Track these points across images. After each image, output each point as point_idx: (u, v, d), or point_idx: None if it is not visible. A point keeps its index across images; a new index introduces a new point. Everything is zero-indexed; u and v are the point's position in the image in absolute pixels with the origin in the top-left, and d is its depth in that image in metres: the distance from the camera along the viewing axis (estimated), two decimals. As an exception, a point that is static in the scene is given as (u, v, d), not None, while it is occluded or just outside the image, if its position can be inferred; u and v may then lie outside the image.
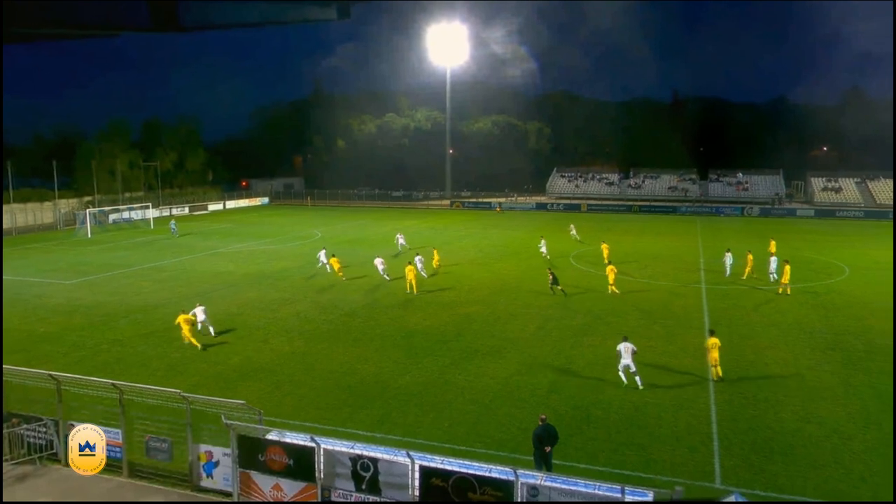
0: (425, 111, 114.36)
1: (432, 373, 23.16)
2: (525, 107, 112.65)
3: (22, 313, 32.21)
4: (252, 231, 65.24)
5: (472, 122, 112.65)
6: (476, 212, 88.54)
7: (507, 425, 18.72)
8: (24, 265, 46.62)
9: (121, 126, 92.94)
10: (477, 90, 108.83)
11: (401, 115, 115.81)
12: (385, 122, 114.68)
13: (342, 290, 36.37)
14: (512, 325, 29.16)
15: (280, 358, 24.93)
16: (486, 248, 52.54)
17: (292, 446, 14.10)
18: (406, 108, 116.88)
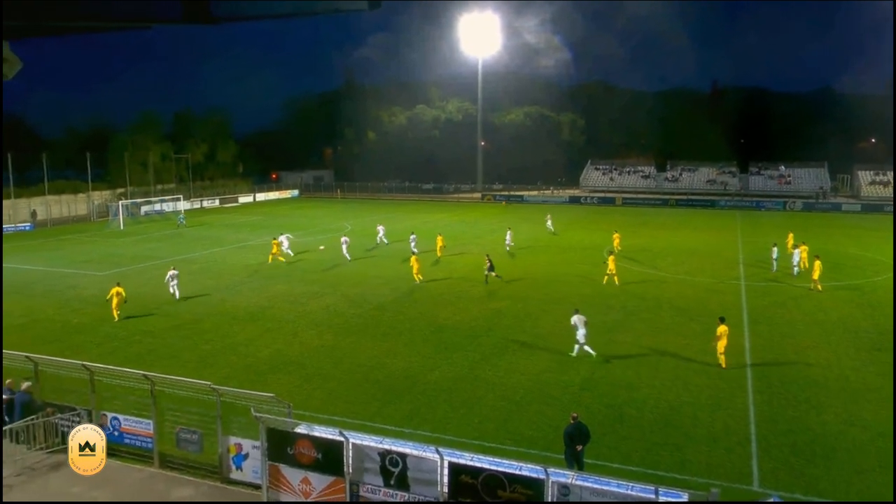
0: (456, 102, 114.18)
1: (462, 368, 23.19)
2: (558, 97, 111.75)
3: (56, 304, 33.07)
4: (282, 224, 65.93)
5: (504, 114, 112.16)
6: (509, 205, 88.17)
7: (537, 423, 18.67)
8: (59, 256, 47.85)
9: (152, 118, 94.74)
10: (509, 81, 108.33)
11: (432, 106, 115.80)
12: (416, 114, 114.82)
13: (371, 284, 36.60)
14: (543, 321, 29.02)
15: (309, 351, 25.21)
16: (518, 242, 52.24)
17: (321, 440, 14.25)
18: (437, 99, 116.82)
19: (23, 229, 65.23)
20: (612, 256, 36.91)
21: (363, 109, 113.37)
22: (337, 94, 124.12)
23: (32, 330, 28.54)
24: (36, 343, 25.36)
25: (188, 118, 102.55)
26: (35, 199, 72.18)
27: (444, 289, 35.41)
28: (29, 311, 31.81)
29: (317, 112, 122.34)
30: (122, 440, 16.96)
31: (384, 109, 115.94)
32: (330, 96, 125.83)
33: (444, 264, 42.36)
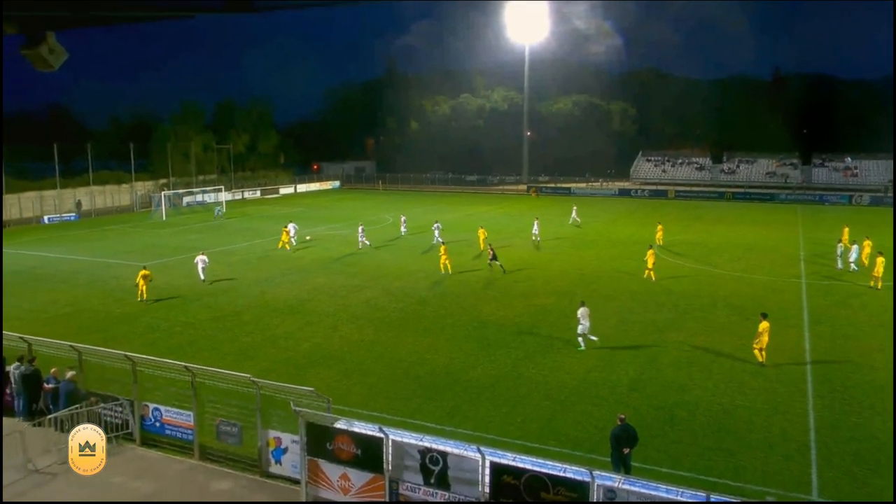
0: (502, 91, 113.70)
1: (505, 366, 23.16)
2: (608, 86, 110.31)
3: (100, 294, 34.15)
4: (322, 215, 66.78)
5: (552, 103, 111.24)
6: (554, 198, 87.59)
7: (583, 423, 18.54)
8: (102, 247, 49.37)
9: (195, 108, 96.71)
10: (557, 68, 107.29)
11: (476, 95, 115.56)
12: (460, 103, 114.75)
13: (412, 278, 36.80)
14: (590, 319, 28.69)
15: (349, 345, 25.49)
16: (564, 237, 51.94)
17: (360, 436, 14.40)
18: (482, 87, 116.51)
19: (68, 219, 67.54)
20: (652, 250, 36.64)
21: (406, 99, 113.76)
22: (379, 83, 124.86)
23: (77, 319, 29.54)
24: (80, 332, 26.24)
25: (230, 108, 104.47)
26: (80, 190, 74.53)
27: (487, 284, 35.38)
28: (74, 300, 32.92)
29: (358, 101, 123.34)
30: (164, 431, 17.45)
31: (427, 98, 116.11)
32: (372, 85, 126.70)
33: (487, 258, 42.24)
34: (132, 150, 78.85)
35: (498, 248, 43.26)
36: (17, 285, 36.46)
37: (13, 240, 53.95)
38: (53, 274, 39.47)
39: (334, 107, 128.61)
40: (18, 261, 44.17)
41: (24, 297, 33.84)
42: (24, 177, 72.73)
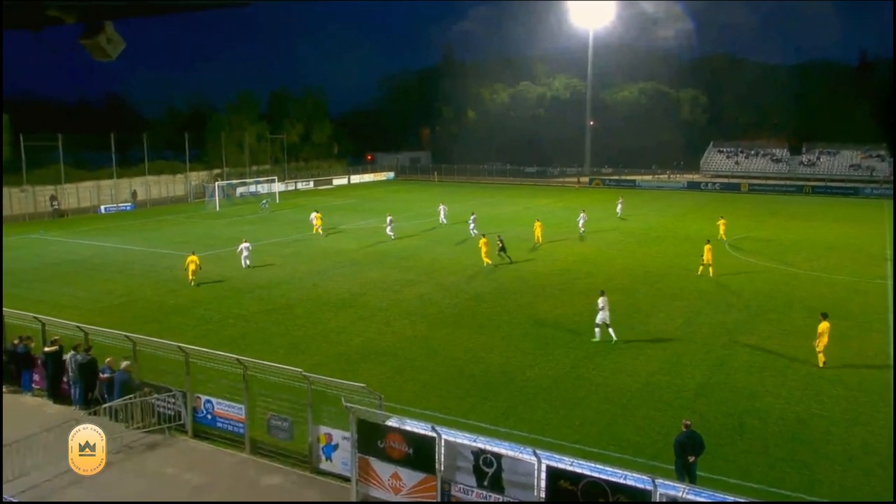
0: (564, 79, 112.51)
1: (563, 366, 23.00)
2: (678, 72, 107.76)
3: (154, 284, 35.32)
4: (376, 207, 67.40)
5: (617, 91, 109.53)
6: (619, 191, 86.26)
7: (645, 429, 18.27)
8: (157, 237, 51.02)
9: (249, 98, 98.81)
10: (623, 54, 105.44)
11: (537, 83, 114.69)
12: (519, 91, 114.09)
13: (467, 273, 36.85)
14: (655, 318, 28.31)
15: (402, 341, 25.71)
16: (628, 231, 51.18)
17: (412, 435, 14.51)
18: (543, 75, 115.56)
19: (124, 209, 70.05)
20: (709, 245, 36.11)
21: (463, 87, 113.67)
22: (435, 71, 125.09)
23: (132, 309, 30.63)
24: (135, 323, 27.20)
25: (284, 97, 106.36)
26: (136, 180, 77.14)
27: (545, 280, 35.17)
28: (129, 290, 34.14)
29: (414, 90, 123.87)
30: (215, 424, 17.95)
31: (485, 87, 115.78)
32: (428, 73, 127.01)
33: (546, 254, 42.06)
34: (187, 140, 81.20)
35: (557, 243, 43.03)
36: (74, 274, 38.04)
37: (71, 229, 56.28)
38: (109, 263, 41.00)
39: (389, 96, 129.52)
40: (76, 250, 46.06)
41: (81, 285, 35.27)
42: (82, 166, 75.62)
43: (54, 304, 30.70)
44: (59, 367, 20.21)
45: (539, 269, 38.02)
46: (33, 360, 20.98)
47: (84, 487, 15.51)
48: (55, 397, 20.28)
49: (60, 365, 20.17)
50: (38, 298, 32.24)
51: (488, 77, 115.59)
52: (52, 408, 19.88)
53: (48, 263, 41.41)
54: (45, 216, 64.66)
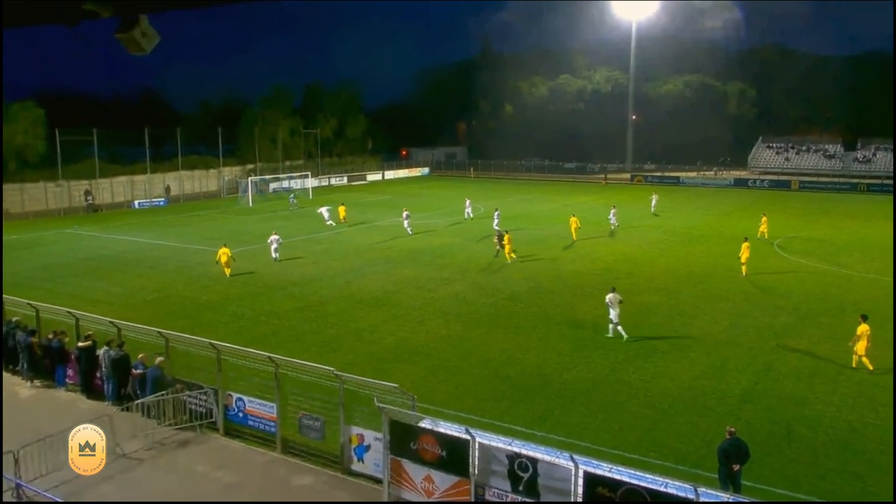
0: (605, 71, 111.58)
1: (602, 369, 22.83)
2: (725, 64, 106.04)
3: (187, 280, 35.94)
4: (411, 204, 67.53)
5: (660, 84, 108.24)
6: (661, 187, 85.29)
7: (687, 435, 18.04)
8: (190, 232, 51.89)
9: (283, 92, 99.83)
10: (667, 46, 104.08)
11: (577, 76, 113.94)
12: (559, 85, 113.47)
13: (504, 272, 36.78)
14: (699, 321, 27.94)
15: (436, 341, 25.76)
16: (671, 230, 50.59)
17: (446, 437, 14.54)
18: (583, 68, 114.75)
19: (157, 204, 71.41)
20: (747, 243, 35.69)
21: (501, 80, 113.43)
22: (472, 64, 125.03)
23: (164, 305, 31.21)
24: (167, 319, 27.70)
25: (318, 91, 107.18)
26: (169, 175, 78.58)
27: (585, 280, 34.93)
28: (161, 286, 34.79)
29: (450, 83, 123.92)
30: (246, 422, 18.21)
31: (524, 80, 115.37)
32: (465, 66, 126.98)
33: (584, 252, 41.79)
34: (220, 135, 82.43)
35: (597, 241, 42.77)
36: (108, 269, 38.89)
37: (105, 224, 57.55)
38: (142, 259, 41.82)
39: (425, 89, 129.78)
40: (109, 245, 47.09)
41: (115, 281, 36.04)
42: (117, 161, 77.34)
43: (88, 299, 31.43)
44: (92, 363, 20.68)
45: (578, 268, 37.77)
46: (67, 355, 21.51)
47: (116, 483, 15.87)
48: (88, 393, 20.76)
49: (94, 360, 20.65)
50: (73, 293, 33.04)
51: (527, 70, 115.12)
52: (86, 403, 20.36)
53: (82, 258, 42.41)
54: (80, 211, 66.22)
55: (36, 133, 64.89)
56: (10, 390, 21.58)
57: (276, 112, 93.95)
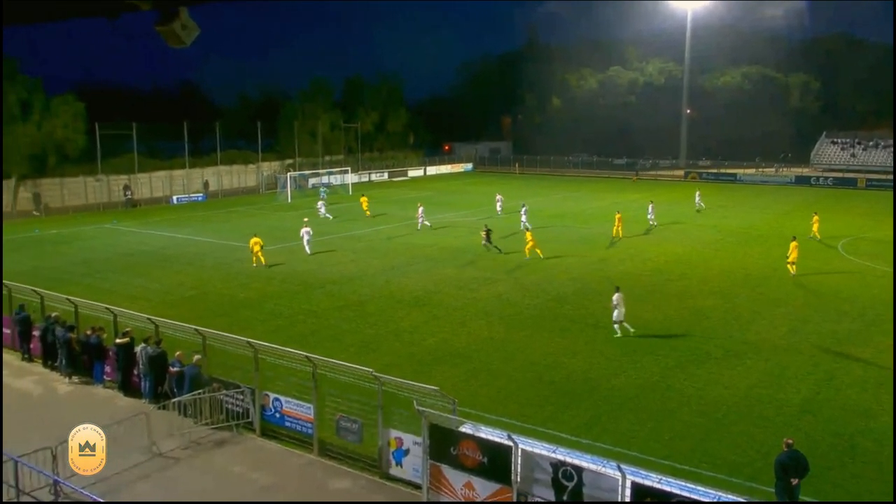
0: (658, 63, 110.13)
1: (652, 375, 22.57)
2: (787, 55, 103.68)
3: (224, 277, 36.55)
4: (453, 200, 67.73)
5: (717, 76, 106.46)
6: (717, 185, 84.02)
7: (742, 446, 17.74)
8: (227, 228, 52.77)
9: (323, 85, 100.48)
10: (724, 36, 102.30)
11: (628, 67, 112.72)
12: (609, 77, 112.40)
13: (549, 272, 36.58)
14: (756, 326, 27.43)
15: (478, 343, 25.76)
16: (727, 230, 49.77)
17: (487, 442, 14.54)
18: (635, 59, 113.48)
19: (196, 199, 72.80)
20: (795, 243, 35.38)
21: (548, 72, 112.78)
22: (518, 56, 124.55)
23: (202, 303, 31.80)
24: (205, 316, 28.21)
25: (359, 84, 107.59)
26: (207, 170, 80.00)
27: (635, 281, 34.56)
28: (199, 283, 35.46)
29: (495, 76, 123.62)
30: (283, 423, 18.45)
31: (572, 72, 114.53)
32: (510, 58, 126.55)
33: (634, 252, 41.35)
34: (259, 129, 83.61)
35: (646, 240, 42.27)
36: (146, 265, 39.77)
37: (143, 219, 58.86)
38: (180, 255, 42.67)
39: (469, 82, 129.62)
40: (148, 240, 48.16)
41: (153, 277, 36.85)
42: (156, 156, 79.05)
43: (126, 296, 32.18)
44: (129, 360, 21.19)
45: (628, 269, 37.39)
46: (105, 352, 22.08)
47: (152, 482, 16.24)
48: (126, 390, 21.27)
49: (131, 357, 21.14)
50: (111, 289, 33.88)
51: (575, 62, 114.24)
52: (123, 400, 20.86)
53: (121, 254, 43.45)
54: (119, 206, 67.82)
55: (76, 127, 66.48)
56: (48, 386, 22.28)
57: (315, 106, 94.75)
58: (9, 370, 23.66)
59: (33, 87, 64.64)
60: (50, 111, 65.09)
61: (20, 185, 64.58)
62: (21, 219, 60.03)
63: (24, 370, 23.71)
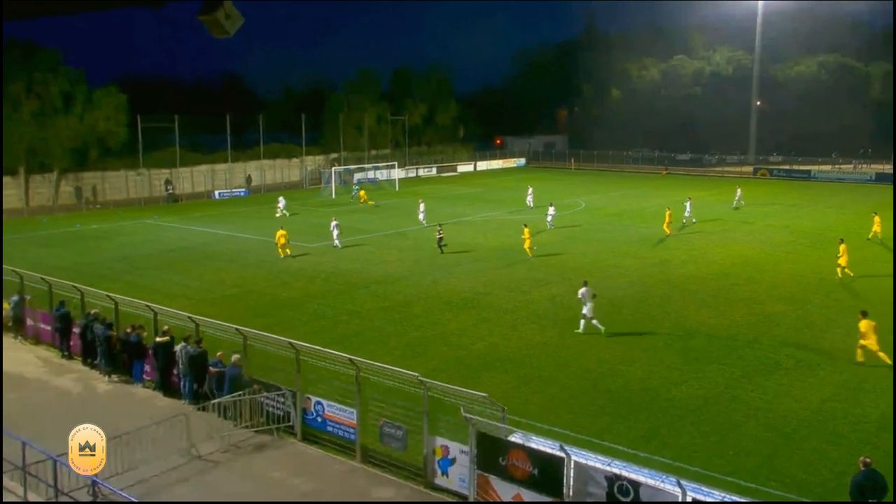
0: (726, 51, 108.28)
1: (717, 385, 22.22)
2: (868, 42, 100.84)
3: (266, 276, 37.13)
4: (504, 197, 67.59)
5: (791, 65, 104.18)
6: (789, 182, 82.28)
7: (814, 464, 17.35)
8: (269, 225, 53.46)
9: (369, 76, 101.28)
10: (799, 22, 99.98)
11: (693, 56, 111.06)
12: (672, 67, 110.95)
13: (607, 274, 36.27)
14: (830, 334, 26.79)
15: (529, 348, 25.68)
16: (800, 231, 48.72)
17: (538, 453, 14.49)
18: (701, 47, 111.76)
19: (238, 195, 74.11)
20: (844, 245, 34.82)
21: (606, 62, 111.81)
22: (575, 45, 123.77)
23: (244, 301, 32.36)
24: (246, 315, 28.70)
25: (407, 75, 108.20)
26: (250, 164, 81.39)
27: (698, 285, 34.08)
28: (241, 281, 36.09)
29: (551, 66, 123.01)
30: (325, 427, 18.65)
31: (633, 62, 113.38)
32: (567, 47, 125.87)
33: (698, 254, 40.78)
34: (303, 122, 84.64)
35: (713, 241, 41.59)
36: (186, 262, 40.65)
37: (185, 214, 60.16)
38: (222, 252, 43.50)
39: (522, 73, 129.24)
40: (189, 237, 49.21)
41: (193, 274, 37.64)
42: (197, 149, 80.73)
43: (166, 293, 32.95)
44: (169, 359, 21.65)
45: (690, 271, 36.87)
46: (145, 350, 22.61)
47: (191, 486, 16.59)
48: (165, 390, 21.76)
49: (171, 356, 21.61)
50: (151, 286, 34.72)
51: (636, 50, 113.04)
52: (162, 401, 21.36)
53: (162, 250, 44.49)
54: (160, 201, 69.46)
55: (118, 120, 68.38)
56: (88, 385, 22.94)
57: (362, 98, 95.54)
58: (48, 367, 24.49)
59: (76, 79, 66.73)
60: (92, 103, 67.05)
61: (62, 178, 66.62)
62: (63, 213, 61.91)
63: (63, 368, 24.47)
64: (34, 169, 64.91)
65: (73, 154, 66.19)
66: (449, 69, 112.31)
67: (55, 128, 63.86)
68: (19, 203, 62.89)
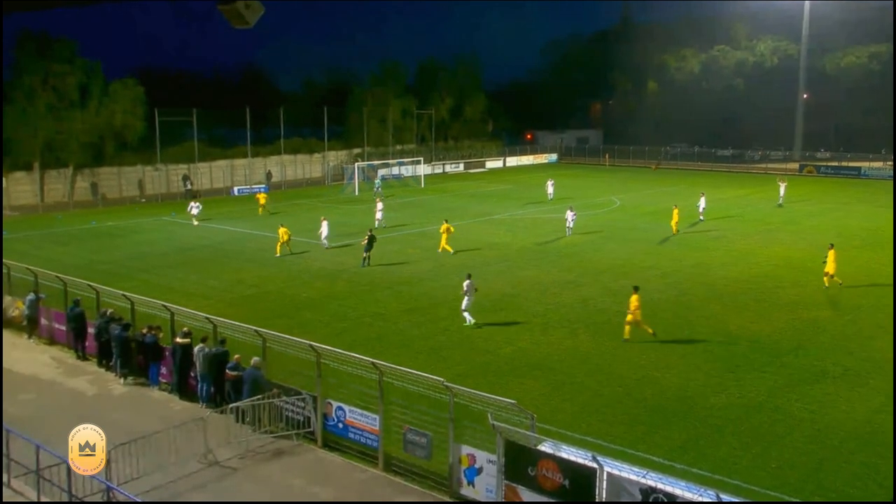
0: (770, 41, 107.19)
1: (758, 395, 22.01)
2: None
3: (286, 276, 37.35)
4: (535, 195, 67.40)
5: (839, 56, 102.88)
6: (837, 180, 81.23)
7: (862, 478, 17.15)
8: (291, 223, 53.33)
9: (394, 69, 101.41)
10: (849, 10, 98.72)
11: (735, 46, 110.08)
12: (713, 58, 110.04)
13: (643, 276, 36.02)
14: (880, 342, 26.40)
15: (560, 353, 25.60)
16: (848, 231, 48.08)
17: (569, 463, 14.44)
18: (743, 37, 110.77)
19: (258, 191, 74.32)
20: (832, 251, 33.87)
21: (643, 53, 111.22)
22: (610, 35, 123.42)
23: (262, 302, 32.58)
24: (265, 317, 28.89)
25: (433, 68, 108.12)
26: (270, 159, 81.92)
27: (739, 288, 33.78)
28: (260, 281, 36.34)
29: (584, 58, 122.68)
30: (346, 434, 18.72)
31: (671, 53, 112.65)
32: (601, 38, 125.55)
33: (739, 255, 40.43)
34: (326, 115, 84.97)
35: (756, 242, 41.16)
36: (205, 261, 41.03)
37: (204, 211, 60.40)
38: (241, 251, 43.84)
39: (554, 65, 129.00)
40: (207, 235, 49.65)
41: (211, 274, 37.97)
42: (216, 144, 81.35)
43: (183, 293, 33.26)
44: (187, 361, 21.81)
45: (731, 274, 36.54)
46: (161, 352, 22.82)
47: (208, 493, 16.73)
48: (182, 393, 21.95)
49: (189, 358, 21.75)
50: (168, 285, 35.08)
51: (674, 41, 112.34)
52: (179, 404, 21.57)
53: (179, 248, 44.95)
54: (178, 197, 70.09)
55: (135, 113, 69.17)
56: (103, 387, 23.22)
57: (386, 91, 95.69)
58: (62, 368, 24.84)
59: (92, 71, 67.58)
60: (109, 96, 67.90)
61: (77, 174, 67.55)
62: (79, 210, 62.73)
63: (77, 369, 24.79)
64: (50, 164, 65.90)
65: (89, 149, 67.06)
66: (477, 61, 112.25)
67: (71, 121, 64.75)
68: (34, 199, 63.90)
